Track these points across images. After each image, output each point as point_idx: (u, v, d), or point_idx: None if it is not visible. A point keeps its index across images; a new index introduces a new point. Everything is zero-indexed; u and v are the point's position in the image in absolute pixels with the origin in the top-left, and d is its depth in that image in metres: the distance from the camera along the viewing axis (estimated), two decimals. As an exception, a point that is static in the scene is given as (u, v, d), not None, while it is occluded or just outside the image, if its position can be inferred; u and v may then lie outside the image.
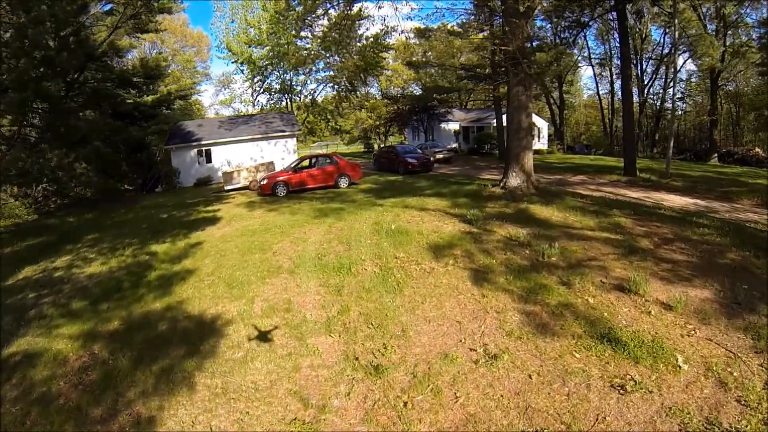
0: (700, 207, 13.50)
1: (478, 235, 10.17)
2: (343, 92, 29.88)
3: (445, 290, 7.68)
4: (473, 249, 9.36)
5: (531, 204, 12.98)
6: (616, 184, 18.42)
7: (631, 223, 11.02)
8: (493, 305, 7.04)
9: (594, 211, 12.12)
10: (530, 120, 14.42)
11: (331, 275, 8.67)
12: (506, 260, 8.66)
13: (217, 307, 7.91)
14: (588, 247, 9.14)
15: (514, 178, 14.38)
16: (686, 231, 10.24)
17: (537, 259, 8.60)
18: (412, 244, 9.87)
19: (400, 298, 7.57)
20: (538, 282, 7.59)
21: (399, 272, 8.51)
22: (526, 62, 13.97)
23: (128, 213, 18.09)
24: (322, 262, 9.33)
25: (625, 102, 20.18)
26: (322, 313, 7.37)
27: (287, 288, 8.38)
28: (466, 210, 12.38)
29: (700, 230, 10.15)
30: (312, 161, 19.45)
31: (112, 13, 24.86)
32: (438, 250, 9.41)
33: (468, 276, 8.11)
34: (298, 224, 12.38)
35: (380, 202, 14.71)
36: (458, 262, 8.74)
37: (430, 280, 8.11)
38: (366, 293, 7.86)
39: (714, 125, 33.62)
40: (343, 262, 9.15)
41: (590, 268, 8.00)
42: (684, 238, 9.69)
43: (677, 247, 9.14)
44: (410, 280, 8.16)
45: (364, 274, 8.64)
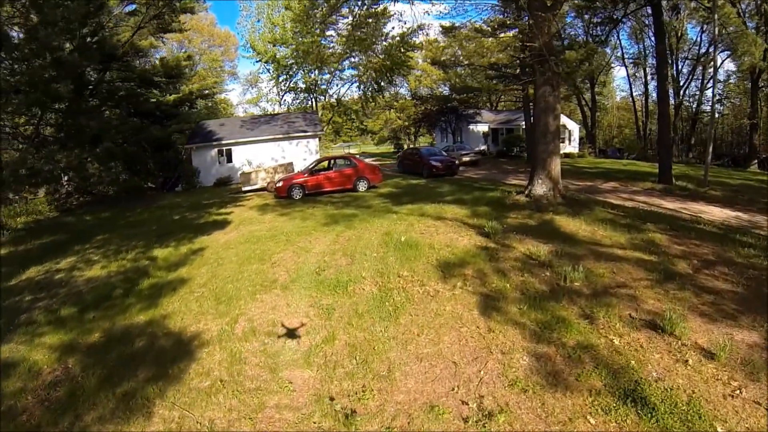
0: (743, 221, 12.37)
1: (495, 252, 9.31)
2: (369, 92, 29.28)
3: (447, 320, 6.80)
4: (487, 268, 8.50)
5: (557, 215, 12.07)
6: (650, 192, 17.24)
7: (666, 240, 10.02)
8: (499, 343, 6.15)
9: (626, 224, 11.14)
10: (558, 123, 13.46)
11: (326, 294, 7.95)
12: (522, 284, 7.79)
13: (198, 325, 7.38)
14: (617, 270, 8.21)
15: (539, 186, 13.46)
16: (729, 251, 9.21)
17: (558, 283, 7.71)
18: (420, 260, 9.04)
19: (394, 328, 6.70)
20: (556, 314, 6.69)
21: (399, 295, 7.68)
22: (554, 60, 13.01)
23: (143, 213, 18.03)
24: (320, 277, 8.65)
25: (660, 104, 18.87)
26: (306, 340, 6.64)
27: (276, 306, 7.72)
28: (486, 221, 11.57)
29: (745, 251, 9.12)
30: (330, 163, 18.84)
31: (135, 13, 25.07)
32: (447, 268, 8.54)
33: (476, 302, 7.22)
34: (305, 231, 11.78)
35: (396, 209, 14.02)
36: (468, 284, 7.86)
37: (432, 306, 7.24)
38: (358, 319, 7.05)
39: (754, 129, 31.43)
40: (342, 278, 8.43)
41: (618, 298, 7.09)
42: (727, 261, 8.68)
43: (719, 273, 8.13)
44: (409, 305, 7.30)
45: (361, 294, 7.85)
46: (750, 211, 13.80)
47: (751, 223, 12.10)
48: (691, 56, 35.47)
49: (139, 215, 17.59)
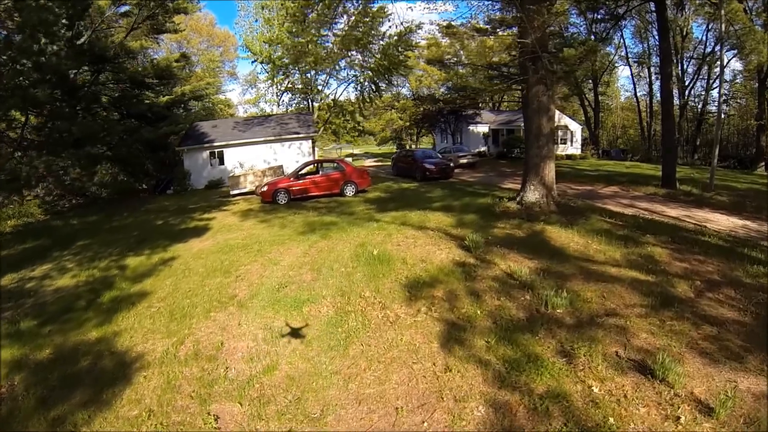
0: (752, 231, 11.23)
1: (473, 269, 8.30)
2: (367, 93, 28.28)
3: (401, 353, 5.90)
4: (460, 289, 7.49)
5: (549, 225, 11.01)
6: (652, 198, 16.06)
7: (667, 255, 8.95)
8: (454, 386, 5.14)
9: (623, 236, 10.07)
10: (552, 125, 12.38)
11: (279, 314, 7.19)
12: (497, 310, 6.78)
13: (145, 344, 6.77)
14: (608, 294, 7.16)
15: (531, 193, 12.40)
16: (736, 269, 8.14)
17: (538, 309, 6.71)
18: (389, 277, 8.18)
19: (341, 360, 5.88)
20: (530, 350, 5.67)
21: (356, 319, 6.84)
22: (547, 57, 11.92)
23: (129, 217, 17.44)
24: (280, 294, 7.90)
25: (664, 105, 17.64)
26: (246, 369, 5.91)
27: (227, 327, 7.02)
28: (471, 231, 10.63)
29: (754, 268, 8.06)
30: (317, 167, 17.91)
31: (128, 15, 24.37)
32: (416, 288, 7.64)
33: (438, 332, 6.29)
34: (280, 241, 11.03)
35: (379, 217, 13.09)
36: (434, 308, 6.95)
37: (388, 334, 6.35)
38: (305, 346, 6.27)
39: (762, 130, 29.87)
40: (302, 297, 7.67)
41: (605, 330, 6.06)
42: (733, 281, 7.62)
43: (725, 297, 7.07)
44: (364, 333, 6.44)
45: (316, 317, 7.07)
46: (758, 220, 12.64)
47: (760, 234, 10.97)
48: (696, 55, 34.01)
49: (124, 219, 17.07)
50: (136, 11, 24.44)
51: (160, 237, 12.66)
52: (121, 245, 12.26)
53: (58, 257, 11.90)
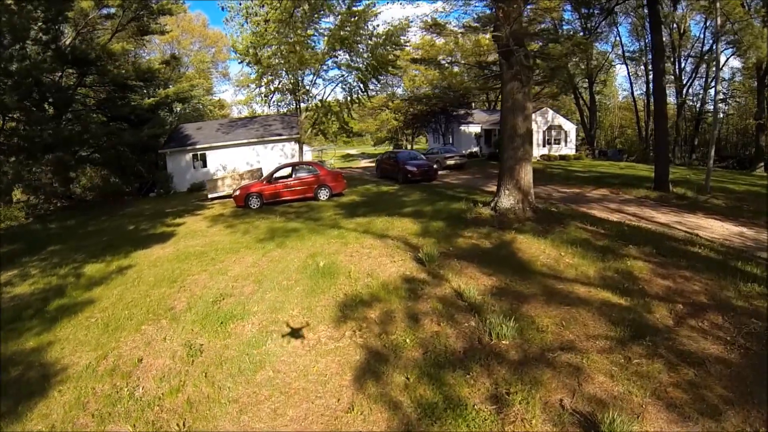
0: (748, 240, 9.95)
1: (420, 287, 7.18)
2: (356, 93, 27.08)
3: (309, 384, 5.09)
4: (398, 311, 6.44)
5: (521, 233, 9.77)
6: (643, 201, 14.73)
7: (648, 271, 7.69)
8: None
9: (602, 247, 8.83)
10: (529, 124, 11.10)
11: (205, 330, 6.56)
12: (431, 338, 5.69)
13: (72, 357, 6.30)
14: (569, 321, 5.92)
15: (506, 198, 11.14)
16: (727, 288, 6.91)
17: (480, 339, 5.54)
18: (327, 293, 7.29)
19: (244, 387, 5.16)
20: (454, 392, 4.54)
21: (275, 341, 6.07)
22: (522, 51, 10.66)
23: (106, 221, 16.69)
24: (214, 308, 7.24)
25: (657, 103, 16.27)
26: (155, 388, 5.39)
27: (151, 342, 6.47)
28: (433, 241, 9.51)
29: (747, 287, 6.81)
30: (291, 170, 16.79)
31: (112, 17, 23.48)
32: (350, 307, 6.70)
33: (357, 362, 5.39)
34: (235, 249, 10.29)
35: (344, 223, 12.05)
36: (362, 332, 6.01)
37: (303, 360, 5.54)
38: (216, 368, 5.60)
39: (761, 130, 28.11)
40: (234, 311, 7.01)
41: (556, 369, 4.85)
42: (722, 304, 6.39)
43: (710, 324, 5.82)
44: (279, 357, 5.65)
45: (239, 335, 6.36)
46: (756, 226, 11.31)
47: (757, 243, 9.67)
48: (694, 54, 32.30)
49: (101, 224, 16.31)
50: (121, 13, 23.58)
51: (126, 243, 12.04)
52: (87, 251, 11.65)
53: (26, 263, 11.23)
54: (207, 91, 35.30)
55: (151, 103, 24.50)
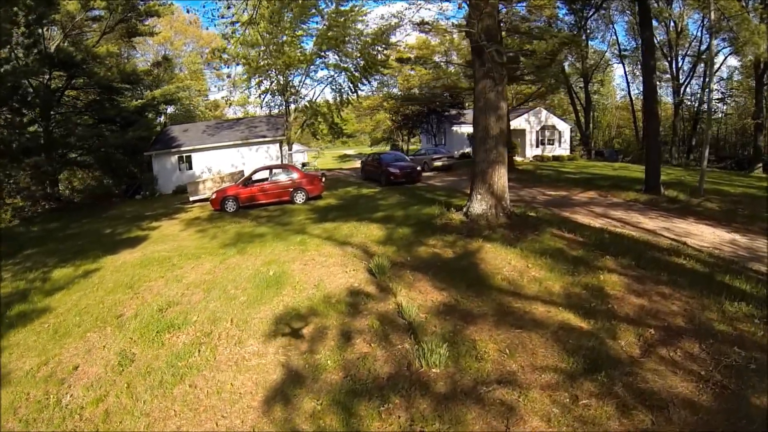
0: (740, 249, 8.93)
1: (364, 301, 6.51)
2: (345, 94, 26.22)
3: (220, 402, 4.76)
4: (333, 327, 5.90)
5: (489, 242, 8.81)
6: (631, 205, 13.68)
7: (622, 287, 6.73)
8: None
9: (575, 258, 7.88)
10: (503, 125, 10.13)
11: (143, 340, 6.27)
12: (358, 360, 5.11)
13: (18, 362, 6.16)
14: (516, 347, 5.04)
15: (478, 203, 10.18)
16: (710, 308, 5.99)
17: (408, 365, 4.83)
18: (269, 303, 6.83)
19: (159, 401, 4.92)
20: (361, 426, 3.99)
21: (203, 353, 5.72)
22: (494, 47, 9.68)
23: (87, 224, 16.18)
24: (158, 316, 6.90)
25: (647, 101, 15.20)
26: (82, 396, 5.23)
27: (92, 349, 6.25)
28: (394, 249, 8.70)
29: (734, 307, 5.86)
30: (268, 174, 16.01)
31: (99, 19, 22.88)
32: (285, 322, 6.21)
33: (274, 382, 4.98)
34: (198, 255, 9.85)
35: (310, 229, 11.23)
36: (289, 349, 5.57)
37: (223, 376, 5.19)
38: (142, 379, 5.36)
39: (759, 130, 26.69)
40: (175, 321, 6.65)
41: (484, 408, 4.00)
42: (701, 329, 5.49)
43: (683, 355, 4.93)
44: (200, 371, 5.32)
45: (172, 346, 6.03)
46: (750, 233, 10.26)
47: (750, 252, 8.64)
48: (691, 52, 30.90)
49: (82, 226, 15.80)
50: (108, 15, 22.93)
51: (98, 247, 11.60)
52: (61, 255, 11.27)
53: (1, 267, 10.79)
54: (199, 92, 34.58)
55: (137, 105, 23.78)
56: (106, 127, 23.09)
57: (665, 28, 30.56)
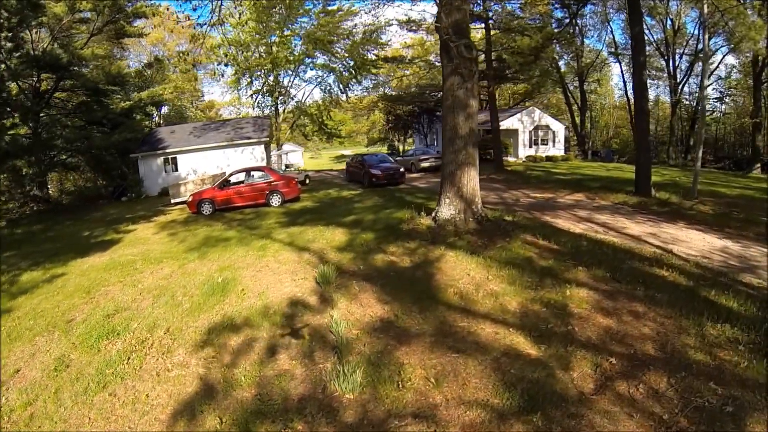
0: (731, 258, 8.00)
1: (301, 313, 6.06)
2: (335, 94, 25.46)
3: (131, 413, 4.56)
4: (261, 340, 5.52)
5: (453, 249, 7.95)
6: (618, 208, 12.69)
7: (590, 304, 5.88)
8: None
9: (544, 269, 7.02)
10: (472, 124, 9.21)
11: (84, 344, 5.98)
12: (275, 378, 4.73)
13: None
14: (446, 376, 4.41)
15: (446, 208, 9.29)
16: (689, 332, 5.09)
17: (324, 387, 4.39)
18: (209, 312, 6.49)
19: (80, 408, 4.73)
20: None
21: (132, 362, 5.42)
22: (463, 42, 8.79)
23: (68, 226, 15.71)
24: (106, 321, 6.59)
25: (637, 99, 14.20)
26: (15, 399, 5.06)
27: (36, 353, 6.00)
28: (351, 256, 8.07)
29: (716, 329, 5.02)
30: (244, 176, 15.34)
31: (87, 21, 22.31)
32: (218, 331, 5.85)
33: (188, 395, 4.72)
34: (161, 259, 9.47)
35: (275, 234, 10.57)
36: (212, 361, 5.23)
37: (141, 387, 4.95)
38: (69, 385, 5.13)
39: (757, 129, 25.33)
40: (118, 327, 6.35)
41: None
42: (674, 358, 4.68)
43: (647, 392, 4.12)
44: (120, 382, 5.08)
45: (107, 352, 5.75)
46: (744, 239, 9.29)
47: (742, 261, 7.69)
48: (689, 51, 29.58)
49: (64, 228, 15.40)
50: (95, 17, 22.37)
51: (72, 250, 11.25)
52: (35, 258, 10.92)
53: None
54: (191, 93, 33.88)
55: (124, 107, 23.15)
56: (97, 129, 22.61)
57: (662, 26, 29.36)
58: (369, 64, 23.77)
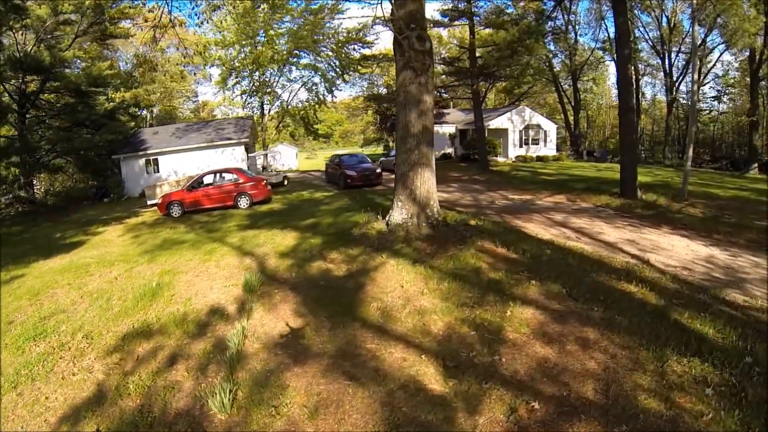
0: (716, 269, 6.91)
1: (215, 322, 5.65)
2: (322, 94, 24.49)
3: (25, 416, 4.36)
4: (168, 348, 5.20)
5: (396, 257, 6.96)
6: (600, 211, 11.56)
7: (533, 326, 4.92)
8: None
9: (490, 282, 6.01)
10: (426, 122, 8.15)
11: (12, 346, 5.69)
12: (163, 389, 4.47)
13: None
14: (325, 406, 3.83)
15: (398, 212, 8.25)
16: (646, 368, 4.03)
17: (203, 404, 4.08)
18: (134, 317, 6.13)
19: None
20: None
21: (46, 365, 5.16)
22: (415, 33, 7.75)
23: (45, 228, 15.19)
24: (40, 324, 6.24)
25: (622, 96, 13.02)
26: None
27: None
28: (288, 263, 7.38)
29: (682, 364, 3.99)
30: (213, 178, 14.66)
31: (69, 23, 21.70)
32: (133, 337, 5.55)
33: (78, 400, 4.49)
34: (113, 262, 9.02)
35: (229, 237, 10.00)
36: (113, 367, 4.99)
37: (45, 389, 4.73)
38: None
39: (754, 128, 23.75)
40: (48, 329, 6.04)
41: None
42: (619, 407, 3.66)
43: None
44: (30, 383, 4.85)
45: (30, 353, 5.45)
46: (733, 246, 8.16)
47: (728, 274, 6.58)
48: (685, 49, 28.04)
49: (41, 230, 14.91)
50: (79, 18, 21.76)
51: (39, 252, 10.81)
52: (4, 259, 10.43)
53: None
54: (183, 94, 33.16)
55: (107, 108, 22.47)
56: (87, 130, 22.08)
57: (657, 23, 27.95)
58: (355, 62, 22.76)
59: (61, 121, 22.59)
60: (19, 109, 21.41)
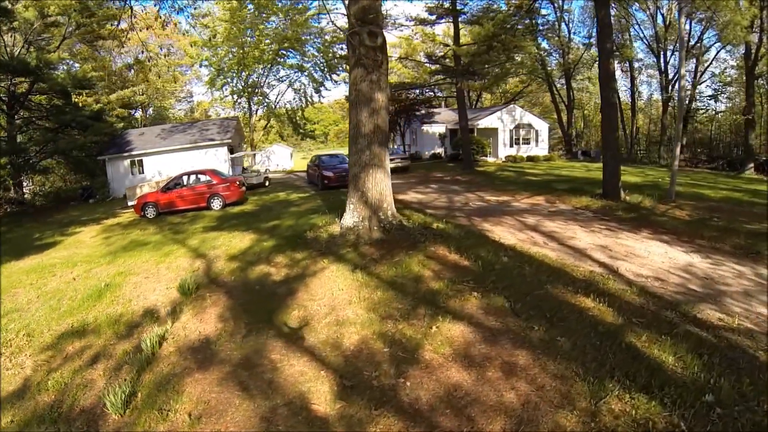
0: (693, 279, 6.29)
1: (145, 323, 5.57)
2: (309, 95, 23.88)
3: None
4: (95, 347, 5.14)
5: (338, 262, 6.42)
6: (578, 214, 10.79)
7: (457, 346, 4.43)
8: None
9: (429, 292, 5.44)
10: (379, 121, 7.49)
11: None
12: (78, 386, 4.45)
13: None
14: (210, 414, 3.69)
15: (350, 215, 7.63)
16: (578, 405, 3.40)
17: (105, 405, 3.92)
18: (76, 316, 6.06)
19: None
20: None
21: None
22: (366, 30, 7.08)
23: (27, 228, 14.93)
24: None
25: (603, 91, 12.19)
26: None
27: None
28: (238, 264, 7.18)
29: (624, 402, 3.31)
30: (187, 179, 14.30)
31: (56, 24, 21.34)
32: (67, 336, 5.47)
33: (4, 394, 4.51)
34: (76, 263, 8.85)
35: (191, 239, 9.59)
36: (39, 365, 4.93)
37: None
38: None
39: (750, 126, 22.64)
40: None
41: None
42: None
43: None
44: None
45: None
46: (717, 252, 7.41)
47: (706, 286, 5.86)
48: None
49: (23, 230, 14.64)
50: (66, 20, 21.40)
51: (12, 252, 10.63)
52: None
53: None
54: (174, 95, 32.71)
55: (93, 110, 22.08)
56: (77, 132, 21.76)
57: (652, 20, 26.89)
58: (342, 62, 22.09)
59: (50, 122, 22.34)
60: (8, 111, 21.16)
